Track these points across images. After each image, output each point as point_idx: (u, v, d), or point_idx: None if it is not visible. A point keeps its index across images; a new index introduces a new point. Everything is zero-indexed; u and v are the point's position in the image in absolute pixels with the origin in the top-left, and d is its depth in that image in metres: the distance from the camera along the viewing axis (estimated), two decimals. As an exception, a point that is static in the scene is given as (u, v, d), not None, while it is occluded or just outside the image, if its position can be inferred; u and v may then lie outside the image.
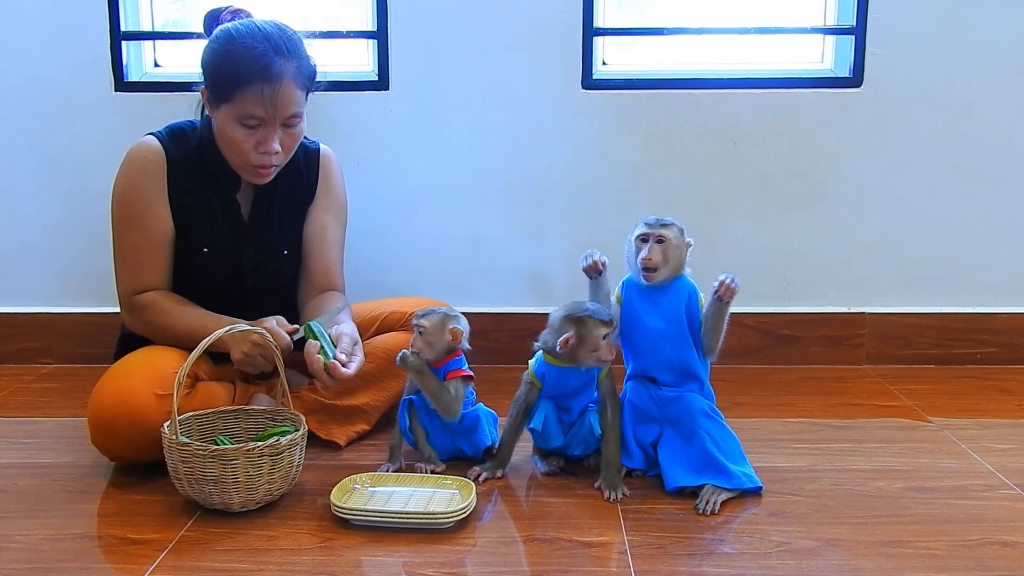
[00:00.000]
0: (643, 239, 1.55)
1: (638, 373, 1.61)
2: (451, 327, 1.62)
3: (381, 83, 2.28)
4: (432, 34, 2.27)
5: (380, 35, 2.26)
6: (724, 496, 1.49)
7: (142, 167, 1.67)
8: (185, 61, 2.40)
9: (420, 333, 1.61)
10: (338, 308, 1.66)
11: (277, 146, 1.60)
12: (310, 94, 1.66)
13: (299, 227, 1.80)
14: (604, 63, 2.35)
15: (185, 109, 2.25)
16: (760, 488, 1.53)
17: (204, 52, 1.62)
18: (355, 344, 1.60)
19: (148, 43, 2.36)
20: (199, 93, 1.66)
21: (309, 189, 1.80)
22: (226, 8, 1.69)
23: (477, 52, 2.28)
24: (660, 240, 1.54)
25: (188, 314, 1.66)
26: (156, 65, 2.39)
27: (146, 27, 2.35)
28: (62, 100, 2.30)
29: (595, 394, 1.60)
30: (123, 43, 2.28)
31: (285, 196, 1.76)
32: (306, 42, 1.64)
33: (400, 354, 1.61)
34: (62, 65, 2.29)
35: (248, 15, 1.69)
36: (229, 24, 1.62)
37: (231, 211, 1.72)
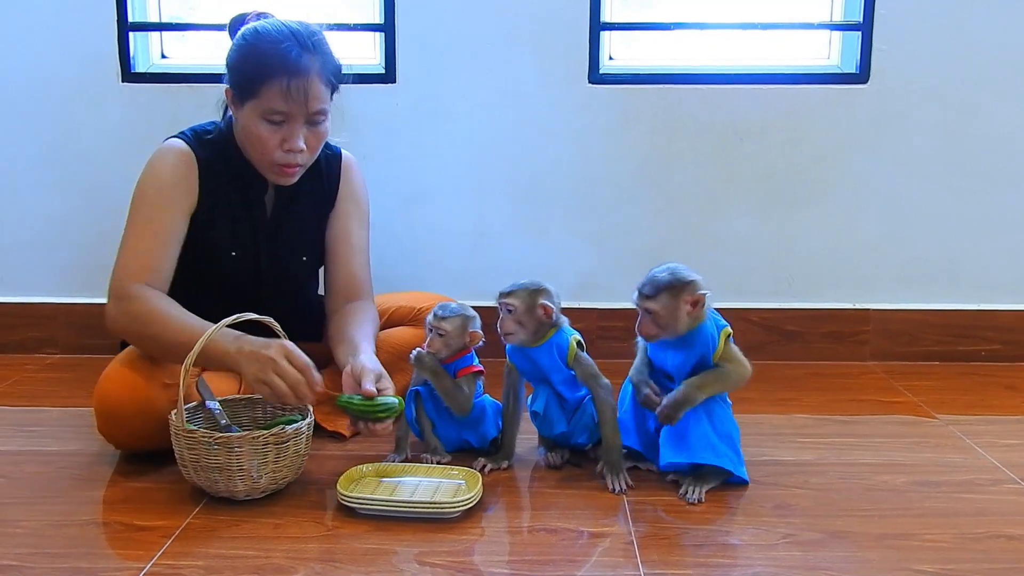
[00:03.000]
0: (637, 305, 1.51)
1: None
2: (471, 330, 1.62)
3: (388, 76, 2.28)
4: (439, 27, 2.27)
5: (387, 28, 2.26)
6: (707, 486, 1.50)
7: (174, 166, 1.63)
8: (192, 53, 2.40)
9: (440, 335, 1.60)
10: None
11: (302, 143, 1.58)
12: (335, 94, 1.63)
13: (319, 232, 1.78)
14: (611, 57, 2.35)
15: (191, 100, 2.27)
16: (746, 481, 1.53)
17: (230, 51, 1.61)
18: (380, 377, 1.53)
19: (155, 34, 2.36)
20: (223, 93, 1.64)
21: (330, 194, 1.78)
22: (251, 12, 1.68)
23: (484, 46, 2.28)
24: (648, 311, 1.49)
25: (184, 320, 1.52)
26: (163, 56, 2.39)
27: (153, 18, 2.35)
28: (69, 91, 2.30)
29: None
30: (130, 34, 2.28)
31: (306, 200, 1.74)
32: (331, 43, 1.62)
33: (415, 354, 1.62)
34: (69, 56, 2.29)
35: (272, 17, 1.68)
36: (255, 23, 1.61)
37: (255, 214, 1.70)
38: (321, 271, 1.86)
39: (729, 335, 1.53)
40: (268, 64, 1.54)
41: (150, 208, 1.63)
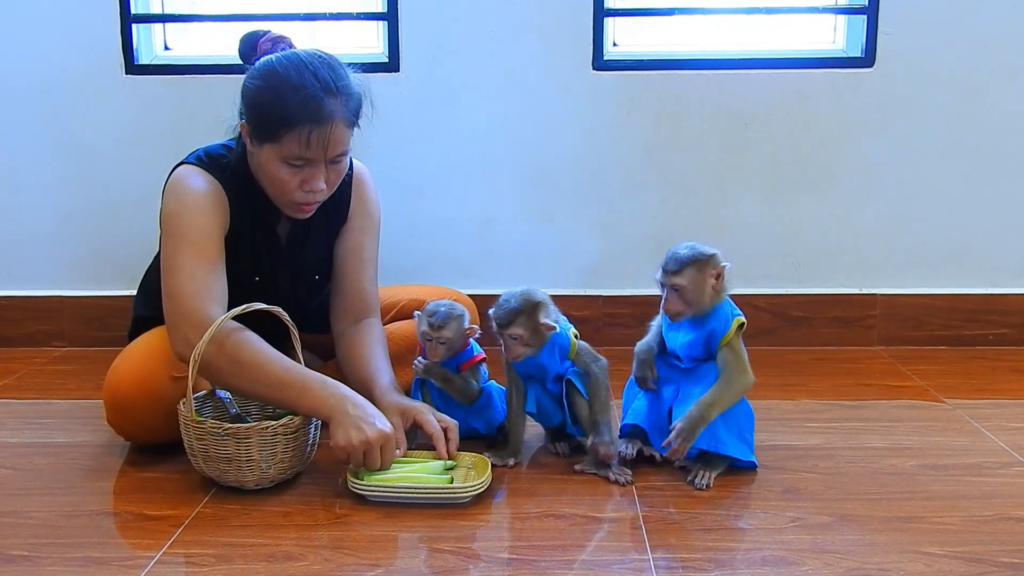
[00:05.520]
0: (662, 284, 1.51)
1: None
2: (466, 328, 1.62)
3: (391, 65, 2.28)
4: (443, 15, 2.26)
5: (390, 16, 2.26)
6: (715, 472, 1.50)
7: (207, 194, 1.55)
8: (195, 44, 2.40)
9: (441, 343, 1.60)
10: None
11: (322, 184, 1.53)
12: (355, 128, 1.55)
13: (331, 249, 1.75)
14: (615, 44, 2.34)
15: (195, 92, 2.27)
16: (755, 466, 1.54)
17: (247, 86, 1.51)
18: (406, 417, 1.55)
19: (158, 26, 2.36)
20: (239, 125, 1.56)
21: (343, 211, 1.73)
22: (265, 35, 1.59)
23: (488, 33, 2.27)
24: (676, 287, 1.49)
25: (283, 364, 1.47)
26: (166, 48, 2.39)
27: (156, 10, 2.35)
28: (72, 83, 2.30)
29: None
30: (133, 26, 2.28)
31: (320, 222, 1.70)
32: (350, 71, 1.54)
33: (422, 366, 1.62)
34: (72, 48, 2.29)
35: (288, 43, 1.59)
36: (273, 57, 1.51)
37: (272, 241, 1.67)
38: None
39: (742, 324, 1.51)
40: (290, 113, 1.45)
41: (197, 235, 1.53)
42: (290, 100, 1.45)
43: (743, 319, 1.52)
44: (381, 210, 1.79)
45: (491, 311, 1.55)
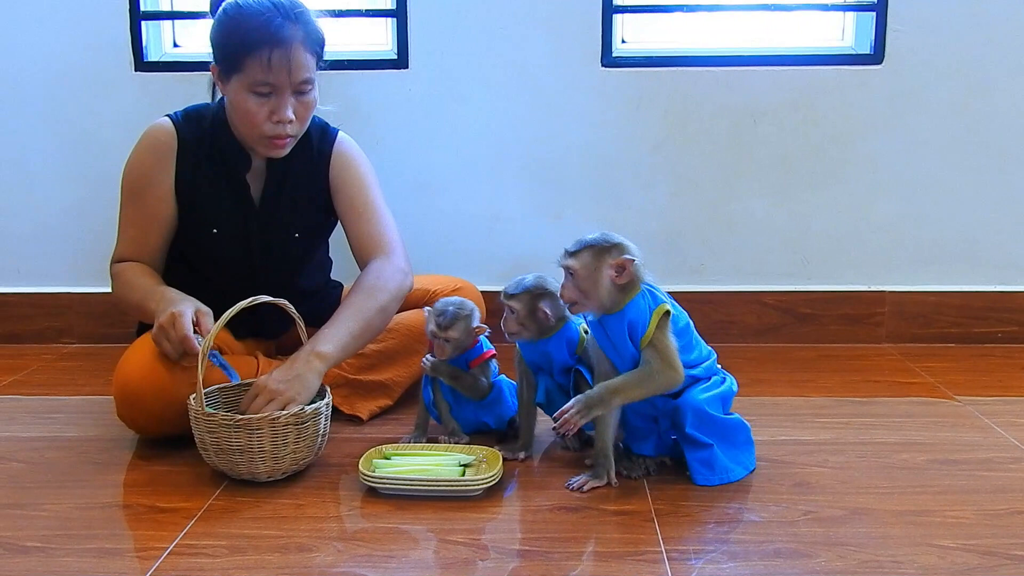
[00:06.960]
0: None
1: None
2: (474, 327, 1.62)
3: (400, 62, 2.28)
4: (451, 12, 2.26)
5: (399, 13, 2.26)
6: None
7: (151, 147, 1.68)
8: (204, 41, 2.40)
9: (447, 342, 1.60)
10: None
11: (290, 114, 1.58)
12: (319, 66, 1.63)
13: (313, 209, 1.77)
14: (624, 41, 2.34)
15: (203, 89, 2.26)
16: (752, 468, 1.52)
17: (212, 27, 1.61)
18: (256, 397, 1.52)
19: (167, 23, 2.36)
20: (210, 72, 1.65)
21: (321, 170, 1.76)
22: None
23: (496, 30, 2.27)
24: (569, 270, 1.42)
25: (140, 286, 1.66)
26: (175, 45, 2.39)
27: (165, 7, 2.35)
28: (82, 81, 2.31)
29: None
30: (142, 23, 2.28)
31: (297, 178, 1.74)
32: (315, 15, 1.62)
33: (430, 365, 1.63)
34: (81, 45, 2.29)
35: None
36: None
37: (240, 192, 1.71)
38: (329, 251, 1.90)
39: (665, 313, 1.39)
40: (250, 36, 1.53)
41: (133, 194, 1.70)
42: (249, 25, 1.54)
43: (667, 306, 1.39)
44: (371, 165, 1.82)
45: None
